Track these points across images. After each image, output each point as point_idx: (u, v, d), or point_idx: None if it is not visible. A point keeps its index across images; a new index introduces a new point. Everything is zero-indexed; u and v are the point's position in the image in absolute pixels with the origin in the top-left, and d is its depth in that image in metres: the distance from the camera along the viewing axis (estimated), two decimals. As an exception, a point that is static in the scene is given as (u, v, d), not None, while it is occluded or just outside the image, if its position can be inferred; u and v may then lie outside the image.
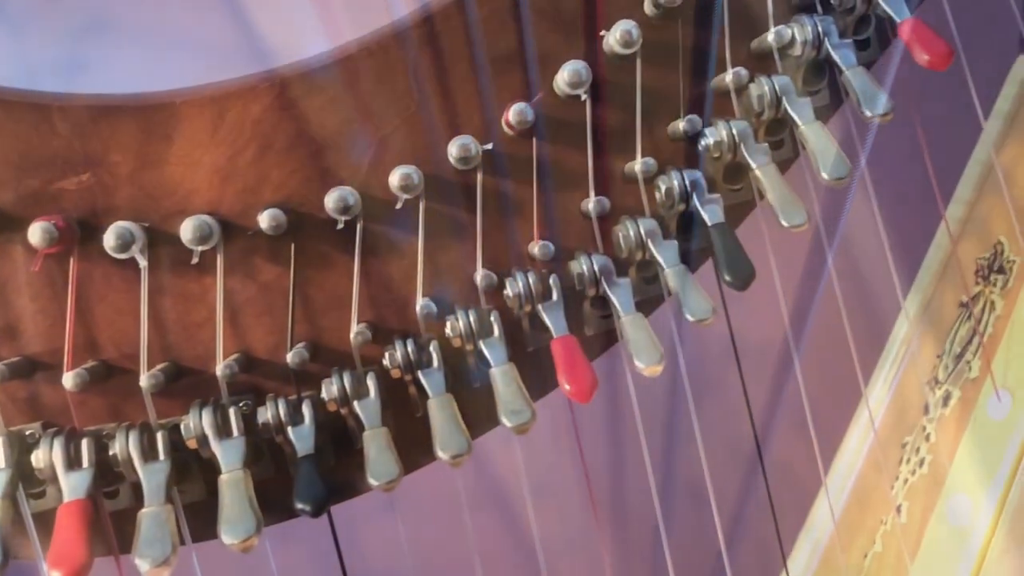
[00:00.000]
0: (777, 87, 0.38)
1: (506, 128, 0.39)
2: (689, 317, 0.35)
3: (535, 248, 0.39)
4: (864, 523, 0.48)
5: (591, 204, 0.39)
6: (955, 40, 0.42)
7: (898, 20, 0.38)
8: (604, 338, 0.42)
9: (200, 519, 0.38)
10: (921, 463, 0.45)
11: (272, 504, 0.37)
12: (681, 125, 0.39)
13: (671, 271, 0.37)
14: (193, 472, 0.38)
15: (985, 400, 0.42)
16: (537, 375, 0.39)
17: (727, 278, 0.36)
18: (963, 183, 0.50)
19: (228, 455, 0.35)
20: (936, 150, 0.50)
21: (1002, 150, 0.48)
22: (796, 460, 0.48)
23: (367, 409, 0.36)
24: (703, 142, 0.39)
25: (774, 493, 0.48)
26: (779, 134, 0.40)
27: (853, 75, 0.37)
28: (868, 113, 0.36)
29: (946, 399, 0.46)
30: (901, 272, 0.53)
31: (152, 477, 0.35)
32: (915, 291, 0.51)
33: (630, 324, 0.36)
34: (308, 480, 0.35)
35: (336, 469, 0.39)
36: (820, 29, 0.38)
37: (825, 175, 0.36)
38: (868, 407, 0.45)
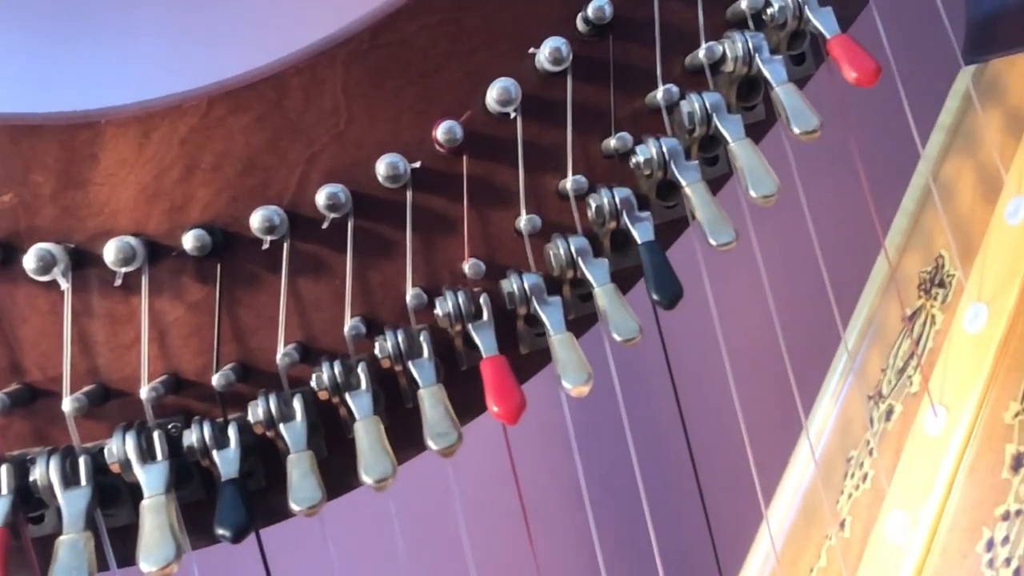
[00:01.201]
0: (708, 104, 0.38)
1: (436, 146, 0.38)
2: (616, 337, 0.35)
3: (466, 267, 0.38)
4: (811, 538, 0.48)
5: (522, 222, 0.39)
6: (888, 53, 0.42)
7: (828, 36, 0.38)
8: (543, 355, 0.41)
9: (131, 543, 0.38)
10: (864, 478, 0.45)
11: (203, 528, 0.37)
12: (612, 143, 0.39)
13: (600, 290, 0.37)
14: (122, 496, 0.38)
15: (923, 415, 0.42)
16: (473, 394, 0.39)
17: (655, 296, 0.36)
18: (908, 195, 0.50)
19: (150, 479, 0.35)
20: (887, 162, 0.50)
21: (944, 163, 0.48)
22: (743, 475, 0.48)
23: (293, 432, 0.36)
24: (633, 160, 0.39)
25: (720, 509, 0.48)
26: (714, 150, 0.40)
27: (783, 92, 0.37)
28: (796, 130, 0.36)
29: (889, 414, 0.45)
30: (849, 285, 0.53)
31: (72, 503, 0.34)
32: (862, 304, 0.51)
33: (559, 343, 0.36)
34: (230, 505, 0.34)
35: (268, 491, 0.39)
36: (750, 45, 0.38)
37: (753, 193, 0.36)
38: (804, 423, 0.45)
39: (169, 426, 0.38)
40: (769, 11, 0.39)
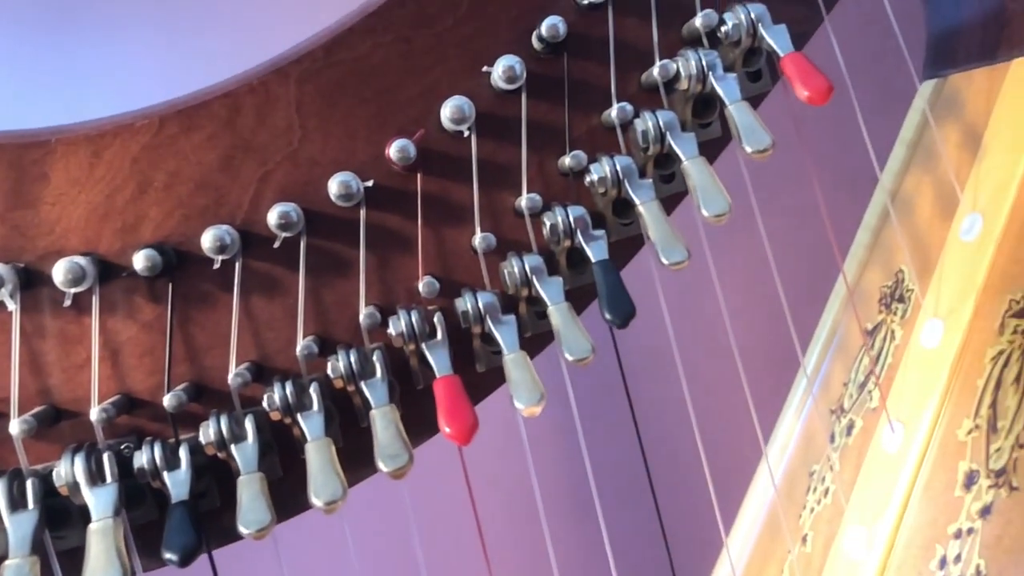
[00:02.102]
0: (661, 122, 0.38)
1: (390, 164, 0.38)
2: (568, 356, 0.35)
3: (420, 285, 0.38)
4: (775, 552, 0.48)
5: (477, 240, 0.38)
6: (842, 65, 0.42)
7: (781, 54, 0.38)
8: (500, 373, 0.41)
9: (81, 565, 0.37)
10: (826, 493, 0.45)
11: (156, 549, 0.37)
12: (567, 161, 0.39)
13: (553, 308, 0.37)
14: (73, 518, 0.37)
15: (881, 431, 0.42)
16: (430, 413, 0.39)
17: (607, 316, 0.36)
18: (870, 210, 0.50)
19: (99, 503, 0.34)
20: (854, 175, 0.51)
21: (905, 178, 0.48)
22: (705, 491, 0.48)
23: (244, 453, 0.36)
24: (588, 178, 0.39)
25: (682, 525, 0.48)
26: (670, 168, 0.40)
27: (736, 110, 0.37)
28: (748, 149, 0.36)
29: (850, 428, 0.46)
30: (816, 298, 0.53)
31: (18, 527, 0.34)
32: (825, 318, 0.51)
33: (512, 363, 0.36)
34: (178, 528, 0.34)
35: (222, 512, 0.39)
36: (704, 63, 0.38)
37: (705, 212, 0.36)
38: (762, 444, 0.45)
39: (121, 447, 0.37)
40: (723, 29, 0.39)
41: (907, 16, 0.52)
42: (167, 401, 0.36)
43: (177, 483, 0.35)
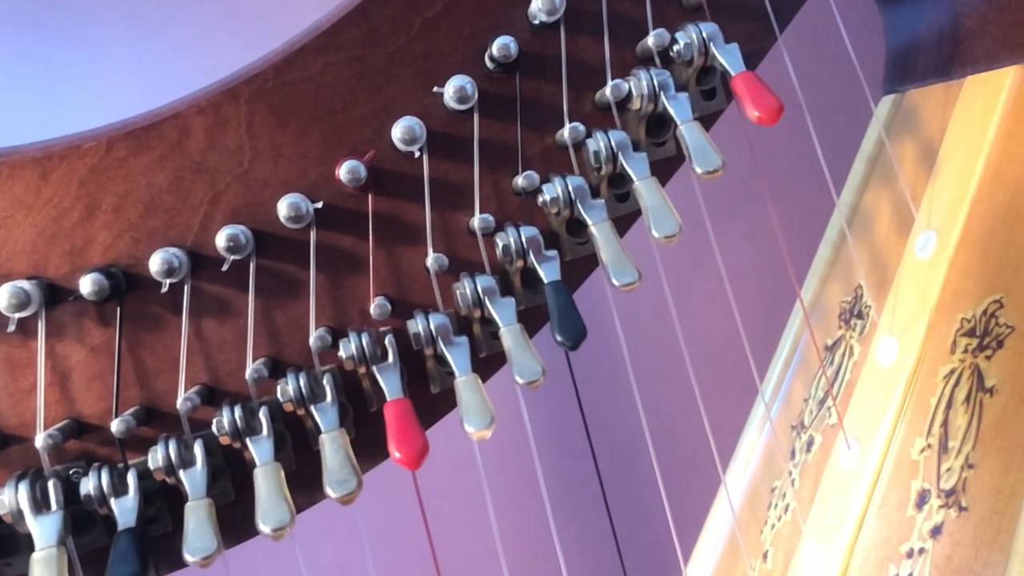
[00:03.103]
0: (613, 142, 0.38)
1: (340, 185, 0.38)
2: (518, 379, 0.35)
3: (372, 307, 0.38)
4: (737, 568, 0.48)
5: (430, 260, 0.38)
6: (794, 82, 0.42)
7: (732, 73, 0.38)
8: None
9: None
10: (786, 509, 0.45)
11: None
12: (519, 181, 0.39)
13: (505, 330, 0.36)
14: (21, 545, 0.37)
15: (839, 448, 0.42)
16: (384, 436, 0.39)
17: (558, 338, 0.35)
18: (831, 224, 0.50)
19: (43, 531, 0.34)
20: (819, 189, 0.51)
21: (865, 193, 0.48)
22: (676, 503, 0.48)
23: (192, 479, 0.35)
24: (540, 198, 0.38)
25: (648, 540, 0.48)
26: (625, 187, 0.40)
27: (687, 130, 0.37)
28: (698, 170, 0.36)
29: (809, 444, 0.45)
30: (776, 312, 0.53)
31: (-40, 556, 0.34)
32: (787, 332, 0.51)
33: (463, 385, 0.36)
34: (122, 556, 0.33)
35: (174, 536, 0.38)
36: (656, 83, 0.38)
37: (655, 233, 0.36)
38: (717, 461, 0.45)
39: (71, 472, 0.37)
40: (675, 48, 0.39)
41: (869, 30, 0.52)
42: (115, 426, 0.36)
43: (124, 510, 0.35)
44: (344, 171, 0.37)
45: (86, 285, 0.36)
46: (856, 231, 0.47)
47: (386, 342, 0.37)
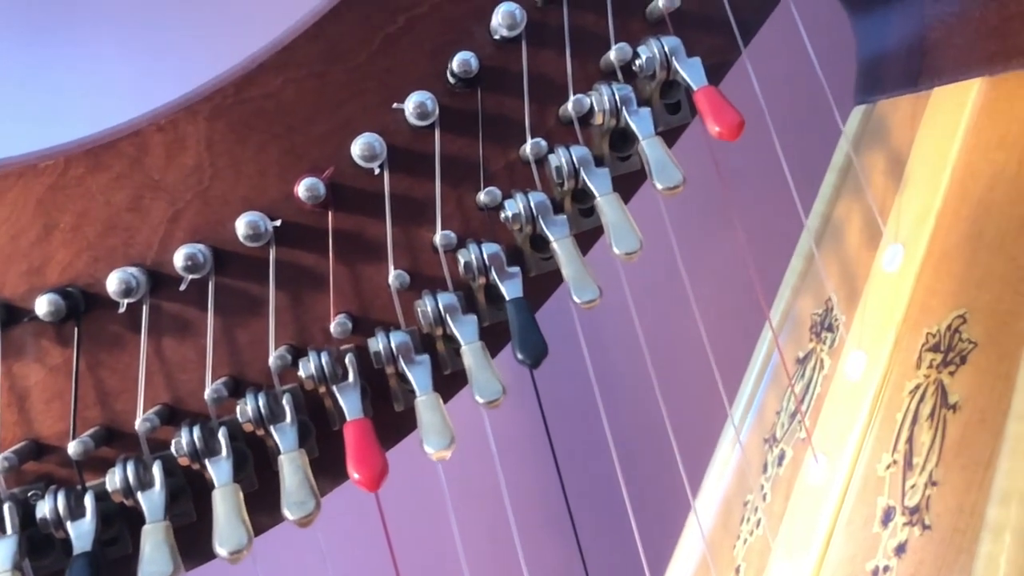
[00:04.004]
0: (575, 158, 0.38)
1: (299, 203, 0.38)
2: (478, 399, 0.34)
3: (332, 325, 0.38)
4: (711, 582, 0.48)
5: (391, 278, 0.38)
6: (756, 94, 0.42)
7: (694, 88, 0.38)
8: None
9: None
10: (758, 524, 0.45)
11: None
12: (482, 197, 0.38)
13: (467, 348, 0.36)
14: (-19, 567, 0.36)
15: (808, 463, 0.42)
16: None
17: (519, 356, 0.35)
18: (803, 236, 0.49)
19: (-3, 557, 0.34)
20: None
21: (836, 204, 0.48)
22: (647, 518, 0.48)
23: (150, 501, 0.35)
24: (503, 215, 0.38)
25: (617, 553, 0.48)
26: (589, 202, 0.40)
27: (648, 145, 0.37)
28: (659, 186, 0.36)
29: (781, 458, 0.45)
30: (753, 323, 0.53)
31: (-82, 581, 0.33)
32: (760, 344, 0.50)
33: (423, 405, 0.35)
34: (77, 582, 0.33)
35: (133, 558, 0.38)
36: (617, 98, 0.38)
37: (616, 249, 0.35)
38: (685, 478, 0.45)
39: (29, 494, 0.37)
40: (637, 62, 0.39)
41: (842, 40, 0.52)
42: (72, 448, 0.35)
43: (80, 534, 0.34)
44: (302, 188, 0.37)
45: (41, 306, 0.35)
46: (827, 243, 0.47)
47: (346, 361, 0.37)
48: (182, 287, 0.37)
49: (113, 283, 0.36)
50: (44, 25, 0.72)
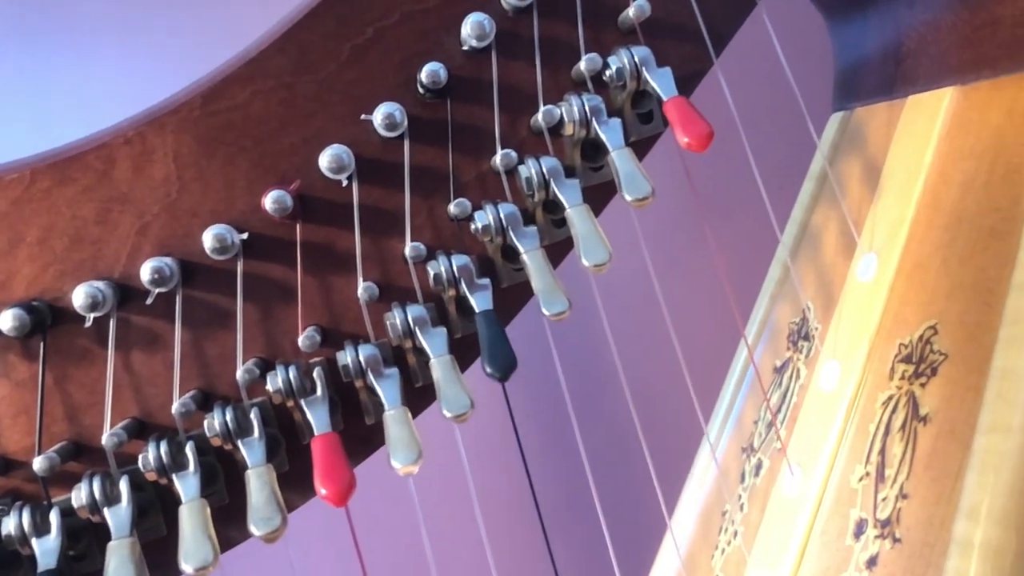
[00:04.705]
0: (544, 169, 0.37)
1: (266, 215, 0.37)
2: (446, 413, 0.34)
3: (300, 339, 0.37)
4: (690, 593, 0.47)
5: (360, 290, 0.38)
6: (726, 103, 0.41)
7: (664, 98, 0.37)
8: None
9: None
10: (735, 534, 0.45)
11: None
12: (452, 208, 0.38)
13: (435, 361, 0.36)
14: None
15: (783, 473, 0.42)
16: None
17: (487, 369, 0.35)
18: (781, 244, 0.49)
19: (-40, 573, 0.33)
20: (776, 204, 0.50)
21: (814, 212, 0.48)
22: (624, 529, 0.47)
23: (116, 517, 0.35)
24: (473, 226, 0.38)
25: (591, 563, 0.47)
26: (561, 212, 0.39)
27: (618, 157, 0.37)
28: (628, 197, 0.36)
29: (758, 468, 0.45)
30: (728, 333, 0.53)
31: None
32: (739, 353, 0.50)
33: (391, 419, 0.35)
34: (41, 600, 0.33)
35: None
36: (587, 108, 0.37)
37: (585, 261, 0.35)
38: (658, 487, 0.44)
39: (-5, 509, 0.36)
40: (608, 72, 0.38)
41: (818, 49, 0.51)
42: (37, 464, 0.35)
43: (46, 551, 0.34)
44: (269, 201, 0.36)
45: (5, 322, 0.35)
46: (804, 251, 0.47)
47: (315, 375, 0.37)
48: (148, 301, 0.37)
49: (79, 297, 0.36)
50: (37, 30, 0.72)
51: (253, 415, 0.36)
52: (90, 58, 0.73)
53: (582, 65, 0.38)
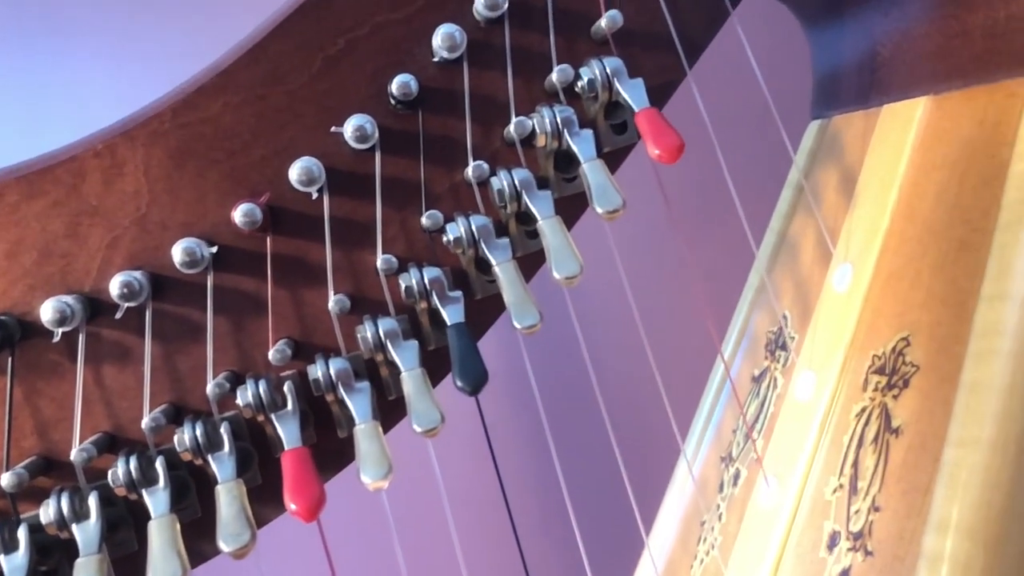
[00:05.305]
0: (516, 181, 0.37)
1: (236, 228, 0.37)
2: (416, 427, 0.34)
3: (271, 352, 0.37)
4: (668, 603, 0.47)
5: (331, 303, 0.37)
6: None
7: (636, 109, 0.37)
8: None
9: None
10: (713, 544, 0.45)
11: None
12: (424, 220, 0.38)
13: (407, 375, 0.36)
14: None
15: (759, 484, 0.41)
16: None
17: (458, 383, 0.35)
18: (760, 252, 0.49)
19: (-75, 592, 0.33)
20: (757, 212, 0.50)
21: (792, 221, 0.47)
22: (603, 539, 0.47)
23: (84, 533, 0.34)
24: (445, 238, 0.38)
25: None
26: (534, 224, 0.39)
27: (589, 168, 0.37)
28: (599, 210, 0.35)
29: (736, 478, 0.45)
30: (709, 341, 0.53)
31: None
32: (718, 362, 0.50)
33: (362, 434, 0.35)
34: (7, 618, 0.33)
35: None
36: (559, 120, 0.37)
37: (556, 274, 0.35)
38: (630, 494, 0.44)
39: (-34, 525, 0.36)
40: (580, 83, 0.38)
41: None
42: (5, 480, 0.35)
43: (14, 568, 0.34)
44: (239, 214, 0.36)
45: (-26, 336, 0.35)
46: (782, 259, 0.47)
47: (285, 389, 0.36)
48: (118, 315, 0.36)
49: (47, 312, 0.35)
50: (29, 32, 0.72)
51: (223, 429, 0.36)
52: (83, 61, 0.73)
53: (554, 76, 0.38)
